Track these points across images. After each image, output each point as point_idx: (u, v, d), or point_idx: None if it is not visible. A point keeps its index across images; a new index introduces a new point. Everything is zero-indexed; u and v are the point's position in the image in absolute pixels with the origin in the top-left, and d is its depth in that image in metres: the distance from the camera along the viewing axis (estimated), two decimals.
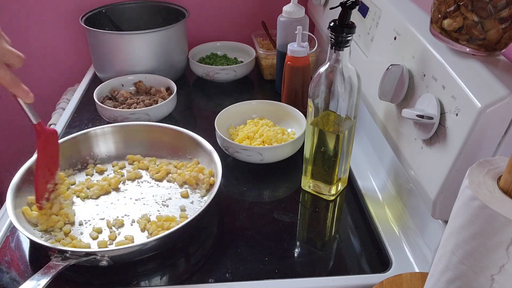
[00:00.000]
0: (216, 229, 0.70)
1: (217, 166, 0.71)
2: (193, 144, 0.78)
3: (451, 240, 0.40)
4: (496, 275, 0.36)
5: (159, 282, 0.60)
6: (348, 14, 0.59)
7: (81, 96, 1.04)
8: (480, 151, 0.50)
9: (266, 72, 1.11)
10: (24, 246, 0.65)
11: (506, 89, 0.48)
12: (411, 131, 0.60)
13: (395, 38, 0.68)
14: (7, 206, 0.63)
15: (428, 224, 0.63)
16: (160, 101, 0.93)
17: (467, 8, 0.51)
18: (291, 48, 0.89)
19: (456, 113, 0.51)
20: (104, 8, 1.10)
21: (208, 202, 0.65)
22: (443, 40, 0.56)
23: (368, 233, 0.68)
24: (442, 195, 0.53)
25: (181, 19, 1.04)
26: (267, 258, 0.63)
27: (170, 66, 1.06)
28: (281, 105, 0.90)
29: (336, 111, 0.66)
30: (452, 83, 0.53)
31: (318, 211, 0.72)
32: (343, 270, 0.62)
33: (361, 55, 0.79)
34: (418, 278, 0.56)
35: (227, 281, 0.60)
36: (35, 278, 0.53)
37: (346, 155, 0.71)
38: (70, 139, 0.78)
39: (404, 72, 0.62)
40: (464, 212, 0.38)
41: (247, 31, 1.22)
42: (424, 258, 0.63)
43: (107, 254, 0.57)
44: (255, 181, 0.79)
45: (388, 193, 0.75)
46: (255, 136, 0.82)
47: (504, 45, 0.53)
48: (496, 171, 0.39)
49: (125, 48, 1.00)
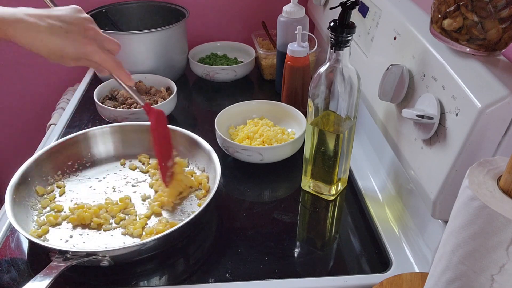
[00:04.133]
0: (216, 229, 0.70)
1: (216, 166, 0.71)
2: (192, 144, 0.78)
3: (451, 240, 0.40)
4: (496, 275, 0.36)
5: (159, 282, 0.60)
6: (348, 14, 0.59)
7: (81, 96, 1.04)
8: (480, 151, 0.50)
9: (266, 72, 1.11)
10: (24, 246, 0.65)
11: (506, 89, 0.48)
12: (411, 131, 0.60)
13: (395, 38, 0.68)
14: (5, 207, 0.63)
15: (428, 224, 0.63)
16: (160, 101, 0.93)
17: (467, 8, 0.51)
18: (291, 48, 0.89)
19: (456, 113, 0.51)
20: (104, 8, 1.10)
21: (208, 202, 0.65)
22: (443, 40, 0.56)
23: (368, 233, 0.68)
24: (442, 195, 0.53)
25: (181, 19, 1.04)
26: (267, 258, 0.63)
27: (170, 66, 1.06)
28: (281, 105, 0.90)
29: (336, 111, 0.66)
30: (452, 83, 0.53)
31: (318, 211, 0.72)
32: (343, 270, 0.62)
33: (361, 55, 0.79)
34: (418, 278, 0.56)
35: (227, 281, 0.60)
36: (37, 279, 0.53)
37: (346, 155, 0.71)
38: (69, 139, 0.78)
39: (404, 72, 0.62)
40: (464, 212, 0.38)
41: (247, 31, 1.22)
42: (424, 258, 0.63)
43: (108, 254, 0.57)
44: (255, 181, 0.79)
45: (388, 193, 0.75)
46: (255, 136, 0.82)
47: (504, 45, 0.53)
48: (496, 171, 0.39)
49: (125, 48, 0.98)
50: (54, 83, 1.27)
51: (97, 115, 0.93)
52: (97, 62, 0.63)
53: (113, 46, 0.65)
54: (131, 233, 0.65)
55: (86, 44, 0.61)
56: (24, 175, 0.70)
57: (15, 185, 0.67)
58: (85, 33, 0.62)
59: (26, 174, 0.70)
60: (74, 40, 0.60)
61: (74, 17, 0.62)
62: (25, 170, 0.70)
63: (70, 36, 0.60)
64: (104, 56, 0.63)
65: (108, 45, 0.64)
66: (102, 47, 0.63)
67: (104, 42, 0.64)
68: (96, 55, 0.62)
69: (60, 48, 0.60)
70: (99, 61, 0.63)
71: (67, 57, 0.61)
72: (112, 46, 0.65)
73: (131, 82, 0.67)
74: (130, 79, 0.67)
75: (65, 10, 0.62)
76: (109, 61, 0.64)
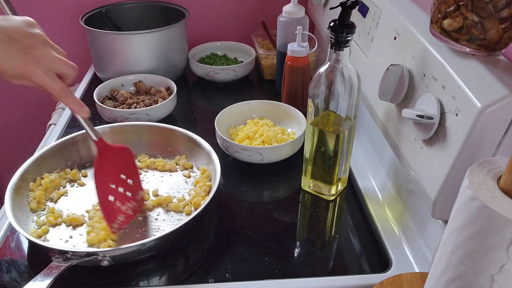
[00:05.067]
0: (216, 229, 0.70)
1: (216, 166, 0.71)
2: (192, 144, 0.78)
3: (451, 240, 0.40)
4: (496, 275, 0.36)
5: (159, 282, 0.60)
6: (348, 14, 0.59)
7: (81, 96, 1.04)
8: (480, 151, 0.50)
9: (266, 72, 1.11)
10: (24, 246, 0.65)
11: (506, 89, 0.48)
12: (411, 131, 0.60)
13: (395, 38, 0.68)
14: (5, 207, 0.63)
15: (428, 224, 0.63)
16: (160, 101, 0.93)
17: (467, 8, 0.51)
18: (291, 48, 0.89)
19: (456, 113, 0.51)
20: (104, 8, 1.10)
21: (208, 201, 0.65)
22: (443, 40, 0.56)
23: (368, 233, 0.68)
24: (442, 195, 0.53)
25: (181, 19, 1.04)
26: (267, 258, 0.63)
27: (170, 66, 1.06)
28: (281, 105, 0.90)
29: (336, 111, 0.66)
30: (452, 83, 0.53)
31: (318, 211, 0.72)
32: (343, 270, 0.62)
33: (361, 55, 0.79)
34: (418, 278, 0.56)
35: (227, 281, 0.59)
36: (38, 279, 0.53)
37: (346, 155, 0.71)
38: (69, 139, 0.78)
39: (404, 72, 0.62)
40: (464, 212, 0.38)
41: (247, 31, 1.22)
42: (424, 258, 0.63)
43: (108, 254, 0.57)
44: (255, 181, 0.79)
45: (388, 193, 0.75)
46: (255, 136, 0.82)
47: (504, 45, 0.53)
48: (496, 171, 0.39)
49: (125, 48, 1.00)
50: None
51: (97, 115, 0.93)
52: (40, 85, 0.56)
53: (65, 70, 0.57)
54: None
55: (28, 64, 0.54)
56: (24, 175, 0.70)
57: (15, 185, 0.67)
58: (30, 51, 0.54)
59: (26, 174, 0.70)
60: (14, 57, 0.53)
61: (21, 32, 0.54)
62: (25, 170, 0.70)
63: (10, 53, 0.53)
64: (48, 82, 0.55)
65: (59, 68, 0.56)
66: (48, 71, 0.55)
67: (53, 64, 0.56)
68: (38, 78, 0.55)
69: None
70: (42, 85, 0.55)
71: (6, 74, 0.54)
72: (64, 70, 0.57)
73: (84, 113, 0.60)
74: (82, 109, 0.60)
75: (15, 22, 0.55)
76: (55, 87, 0.56)
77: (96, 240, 0.62)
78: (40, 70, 0.55)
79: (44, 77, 0.55)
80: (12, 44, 0.53)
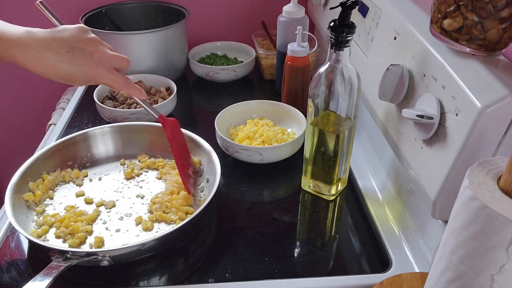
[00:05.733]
0: (216, 229, 0.70)
1: (216, 166, 0.71)
2: (192, 144, 0.78)
3: (451, 240, 0.40)
4: (496, 275, 0.36)
5: (159, 282, 0.60)
6: (348, 14, 0.59)
7: (81, 96, 1.04)
8: (480, 151, 0.50)
9: (266, 72, 1.11)
10: (24, 246, 0.65)
11: (506, 89, 0.48)
12: (411, 131, 0.60)
13: (395, 38, 0.68)
14: (5, 207, 0.63)
15: (428, 224, 0.63)
16: (160, 101, 0.93)
17: (467, 8, 0.51)
18: (291, 48, 0.89)
19: (456, 113, 0.51)
20: (104, 8, 1.10)
21: (208, 201, 0.65)
22: (443, 40, 0.56)
23: (368, 233, 0.68)
24: (442, 195, 0.53)
25: (181, 19, 1.04)
26: (267, 258, 0.63)
27: (170, 66, 1.06)
28: (281, 105, 0.90)
29: (336, 111, 0.66)
30: (452, 83, 0.53)
31: (318, 211, 0.72)
32: (343, 270, 0.62)
33: (361, 55, 0.79)
34: (418, 278, 0.56)
35: (227, 281, 0.59)
36: (37, 279, 0.53)
37: (346, 155, 0.71)
38: (69, 139, 0.78)
39: (404, 72, 0.62)
40: (464, 212, 0.38)
41: (247, 31, 1.22)
42: (424, 258, 0.63)
43: (108, 254, 0.57)
44: (255, 181, 0.79)
45: (388, 193, 0.75)
46: (255, 136, 0.82)
47: (504, 45, 0.53)
48: (496, 171, 0.39)
49: (125, 48, 1.00)
50: (54, 83, 1.26)
51: (97, 115, 0.93)
52: (106, 83, 0.63)
53: (121, 64, 0.64)
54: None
55: (94, 68, 0.61)
56: (24, 175, 0.70)
57: (15, 185, 0.67)
58: (92, 56, 0.61)
59: (26, 174, 0.70)
60: (81, 65, 0.60)
61: (81, 40, 0.61)
62: (25, 170, 0.70)
63: (77, 62, 0.60)
64: (113, 77, 0.63)
65: (116, 63, 0.64)
66: (110, 68, 0.63)
67: (111, 62, 0.63)
68: (104, 78, 0.62)
69: (68, 74, 0.60)
70: (108, 83, 0.63)
71: (76, 81, 0.62)
72: (120, 64, 0.64)
73: (144, 96, 0.68)
74: (142, 93, 0.67)
75: (71, 31, 0.61)
76: (118, 81, 0.64)
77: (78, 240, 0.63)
78: (105, 71, 0.62)
79: (109, 75, 0.62)
80: (76, 53, 0.60)
